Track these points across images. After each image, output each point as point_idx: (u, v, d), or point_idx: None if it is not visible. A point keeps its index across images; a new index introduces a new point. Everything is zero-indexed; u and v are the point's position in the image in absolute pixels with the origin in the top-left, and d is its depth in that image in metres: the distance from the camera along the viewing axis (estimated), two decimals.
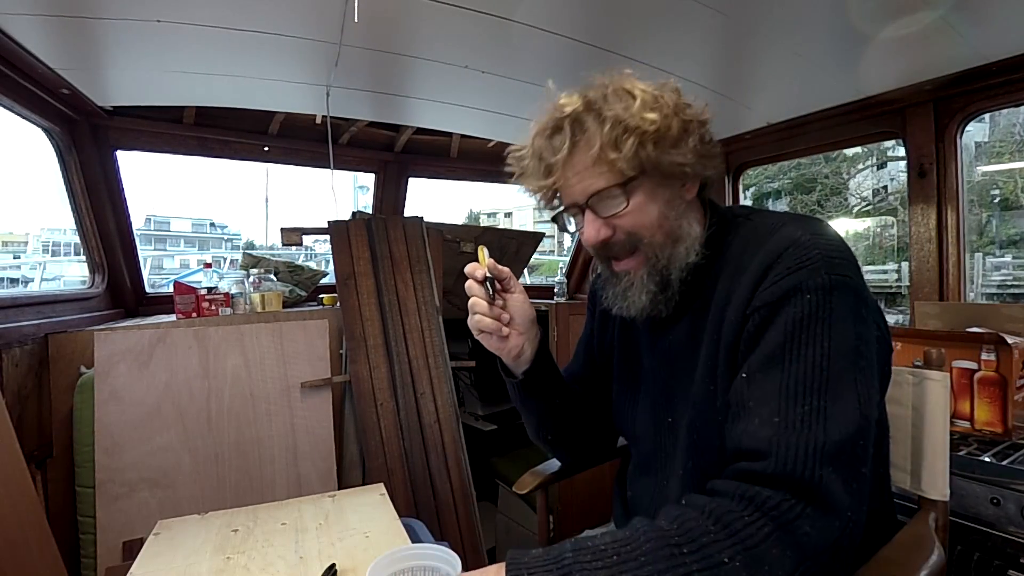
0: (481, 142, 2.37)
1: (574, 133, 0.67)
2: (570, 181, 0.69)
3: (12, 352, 1.28)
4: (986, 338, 1.26)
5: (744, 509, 0.52)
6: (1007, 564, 1.05)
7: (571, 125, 0.67)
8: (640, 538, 0.53)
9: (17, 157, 46.96)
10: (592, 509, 1.98)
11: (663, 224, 0.69)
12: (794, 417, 0.55)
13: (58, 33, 1.24)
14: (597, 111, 0.66)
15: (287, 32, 1.30)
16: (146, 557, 0.87)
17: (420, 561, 0.75)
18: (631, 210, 0.68)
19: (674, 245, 0.70)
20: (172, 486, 1.38)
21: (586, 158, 0.67)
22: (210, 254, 15.43)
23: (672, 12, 1.23)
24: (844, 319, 0.58)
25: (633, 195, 0.67)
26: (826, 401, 0.55)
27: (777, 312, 0.60)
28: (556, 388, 0.86)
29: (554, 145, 0.68)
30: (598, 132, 0.65)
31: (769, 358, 0.59)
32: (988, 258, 6.99)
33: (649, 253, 0.70)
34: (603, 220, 0.69)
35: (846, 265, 0.61)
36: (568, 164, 0.68)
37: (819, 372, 0.56)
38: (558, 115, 0.68)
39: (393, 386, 1.66)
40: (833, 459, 0.53)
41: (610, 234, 0.69)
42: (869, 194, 10.42)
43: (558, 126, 0.68)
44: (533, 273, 5.34)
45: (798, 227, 0.65)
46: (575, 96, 0.68)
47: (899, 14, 1.20)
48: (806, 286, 0.59)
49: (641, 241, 0.69)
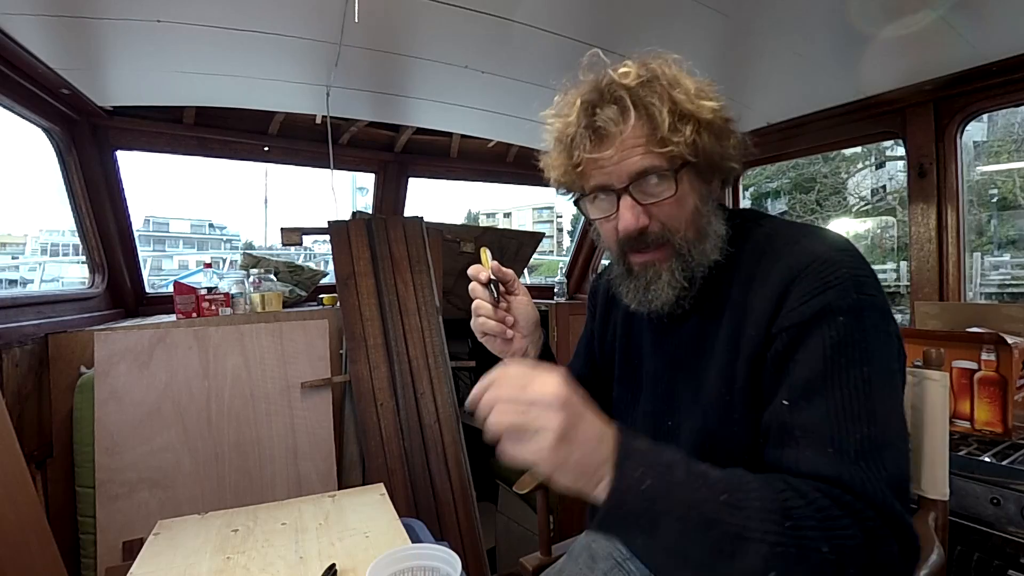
0: (481, 142, 2.37)
1: (635, 105, 0.62)
2: (613, 159, 0.64)
3: (12, 352, 1.28)
4: (986, 338, 1.26)
5: (843, 514, 0.51)
6: (1007, 564, 1.05)
7: (632, 96, 0.63)
8: (751, 492, 0.51)
9: (15, 158, 46.96)
10: (592, 508, 1.98)
11: (696, 219, 0.67)
12: (848, 447, 0.54)
13: (58, 33, 1.24)
14: (662, 88, 0.63)
15: (287, 32, 1.30)
16: (146, 557, 0.88)
17: (420, 561, 0.75)
18: (675, 199, 0.65)
19: (702, 241, 0.68)
20: (172, 486, 1.38)
21: (640, 135, 0.63)
22: (209, 255, 15.44)
23: (672, 12, 1.23)
24: (878, 340, 0.58)
25: (682, 182, 0.64)
26: (875, 429, 0.54)
27: (808, 334, 0.59)
28: None
29: (608, 115, 0.63)
30: (662, 108, 0.61)
31: (810, 384, 0.57)
32: (987, 257, 6.99)
33: (681, 247, 0.67)
34: (643, 207, 0.65)
35: (872, 283, 0.60)
36: (620, 138, 0.63)
37: (863, 398, 0.55)
38: (616, 84, 0.64)
39: (393, 386, 1.66)
40: (898, 492, 0.53)
41: (647, 222, 0.66)
42: (868, 194, 10.42)
43: (613, 96, 0.64)
44: (532, 273, 5.34)
45: (818, 241, 0.63)
46: (637, 66, 0.65)
47: (899, 14, 1.20)
48: (837, 307, 0.58)
49: (675, 234, 0.67)
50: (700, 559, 0.51)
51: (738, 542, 0.49)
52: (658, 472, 0.51)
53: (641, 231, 0.66)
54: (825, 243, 0.63)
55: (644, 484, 0.51)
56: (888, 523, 0.51)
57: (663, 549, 0.52)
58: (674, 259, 0.67)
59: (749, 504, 0.50)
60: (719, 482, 0.52)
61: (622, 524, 0.52)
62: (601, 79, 0.66)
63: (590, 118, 0.64)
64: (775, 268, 0.63)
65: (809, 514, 0.50)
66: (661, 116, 0.61)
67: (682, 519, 0.50)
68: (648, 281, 0.69)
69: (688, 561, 0.51)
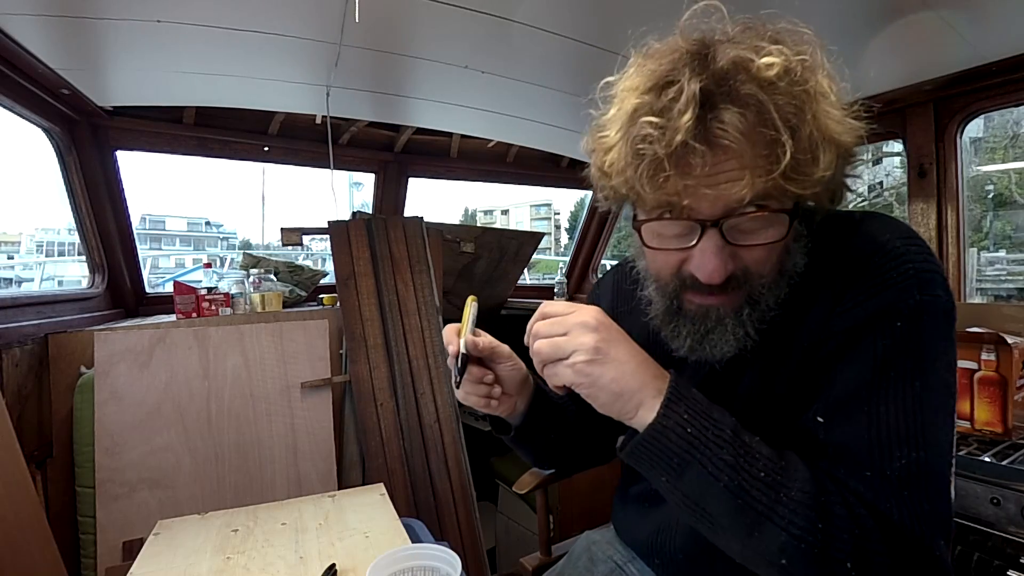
0: (481, 142, 2.37)
1: (779, 118, 0.45)
2: (706, 178, 0.47)
3: (12, 352, 1.28)
4: (986, 338, 1.26)
5: (881, 539, 0.47)
6: (1007, 564, 1.05)
7: (774, 102, 0.45)
8: (795, 481, 0.48)
9: (11, 157, 47.00)
10: (592, 509, 1.98)
11: (783, 260, 0.54)
12: (891, 472, 0.48)
13: (58, 33, 1.24)
14: (802, 91, 0.46)
15: (287, 32, 1.30)
16: (146, 557, 0.88)
17: (420, 561, 0.75)
18: (777, 244, 0.51)
19: (781, 284, 0.54)
20: (172, 486, 1.38)
21: (764, 155, 0.46)
22: (205, 253, 15.45)
23: (672, 12, 1.23)
24: (935, 349, 0.50)
25: (794, 226, 0.51)
26: (923, 452, 0.48)
27: (859, 340, 0.51)
28: (551, 426, 0.77)
29: (733, 123, 0.45)
30: (804, 125, 0.45)
31: (852, 397, 0.51)
32: (983, 253, 7.00)
33: (756, 293, 0.54)
34: (731, 248, 0.51)
35: (938, 281, 0.51)
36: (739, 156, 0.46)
37: (913, 418, 0.48)
38: (750, 77, 0.45)
39: (393, 386, 1.66)
40: (943, 530, 0.49)
41: (733, 268, 0.52)
42: (865, 190, 10.45)
43: (744, 96, 0.45)
44: (530, 271, 5.33)
45: (879, 227, 0.54)
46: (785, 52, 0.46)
47: (899, 14, 1.20)
48: (896, 310, 0.50)
49: (756, 279, 0.53)
50: (717, 516, 0.50)
51: (760, 520, 0.47)
52: (705, 423, 0.49)
53: (727, 279, 0.52)
54: (887, 229, 0.53)
55: (687, 428, 0.49)
56: (925, 565, 0.48)
57: (684, 494, 0.51)
58: (746, 308, 0.54)
59: (787, 490, 0.48)
60: (763, 459, 0.49)
61: (651, 459, 0.51)
62: (719, 56, 0.47)
63: (708, 123, 0.46)
64: (834, 265, 0.54)
65: (847, 527, 0.47)
66: (804, 137, 0.45)
67: (712, 476, 0.48)
68: (708, 329, 0.55)
69: (704, 513, 0.50)
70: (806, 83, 0.46)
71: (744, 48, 0.47)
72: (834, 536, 0.47)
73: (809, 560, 0.47)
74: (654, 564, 0.79)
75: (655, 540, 0.78)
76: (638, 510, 0.83)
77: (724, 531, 0.50)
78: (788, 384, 0.57)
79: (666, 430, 0.50)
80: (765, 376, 0.58)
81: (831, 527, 0.47)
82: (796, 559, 0.47)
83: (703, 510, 0.50)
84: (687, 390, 0.52)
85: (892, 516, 0.48)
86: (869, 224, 0.55)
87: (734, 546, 0.51)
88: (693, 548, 0.70)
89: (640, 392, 0.51)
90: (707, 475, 0.48)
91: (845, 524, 0.47)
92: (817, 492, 0.48)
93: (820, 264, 0.55)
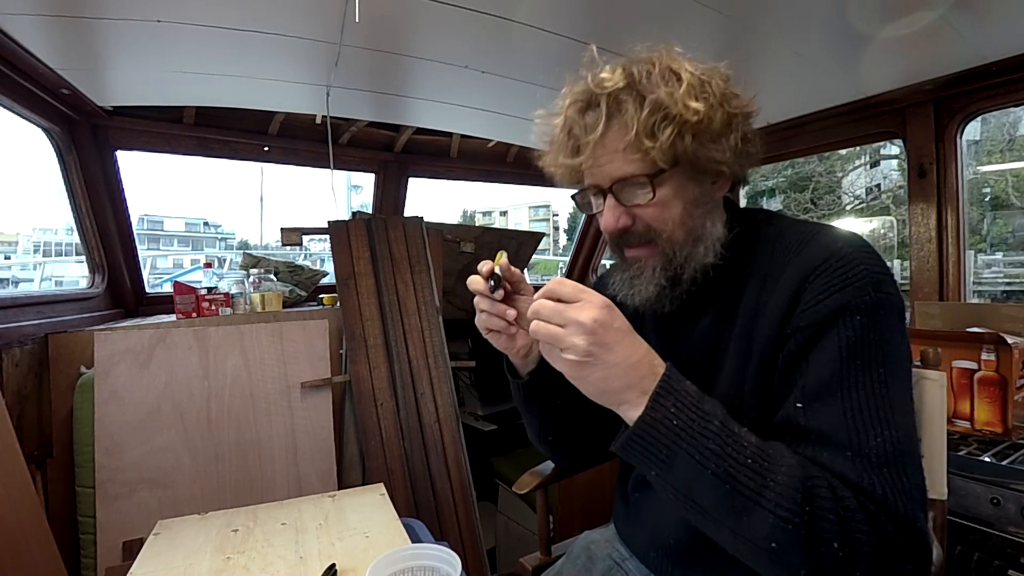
0: (481, 142, 2.37)
1: (610, 113, 0.62)
2: (598, 161, 0.65)
3: (12, 352, 1.28)
4: (986, 338, 1.26)
5: (865, 519, 0.51)
6: (1007, 564, 1.05)
7: (608, 103, 0.62)
8: (780, 466, 0.52)
9: (9, 157, 46.97)
10: (592, 509, 1.98)
11: (685, 221, 0.66)
12: (868, 450, 0.53)
13: (58, 33, 1.24)
14: (638, 92, 0.61)
15: (287, 32, 1.30)
16: (146, 557, 0.88)
17: (420, 561, 0.75)
18: (656, 203, 0.64)
19: (694, 244, 0.67)
20: (172, 486, 1.38)
21: (619, 141, 0.63)
22: (203, 254, 15.43)
23: (672, 12, 1.23)
24: (893, 340, 0.57)
25: (660, 187, 0.64)
26: (894, 431, 0.54)
27: (824, 333, 0.58)
28: (560, 388, 0.82)
29: (587, 122, 0.64)
30: (636, 115, 0.61)
31: (825, 386, 0.57)
32: (980, 256, 7.00)
33: (666, 248, 0.67)
34: (624, 208, 0.66)
35: (889, 281, 0.59)
36: (599, 144, 0.64)
37: (882, 400, 0.55)
38: (596, 90, 0.63)
39: (393, 386, 1.66)
40: (921, 505, 0.53)
41: (629, 223, 0.67)
42: (862, 192, 10.44)
43: (594, 101, 0.64)
44: (530, 272, 5.34)
45: (832, 237, 0.62)
46: (618, 71, 0.63)
47: (899, 14, 1.20)
48: (854, 306, 0.57)
49: (660, 235, 0.66)
50: (707, 506, 0.53)
51: (748, 504, 0.50)
52: (692, 415, 0.53)
53: (623, 230, 0.67)
54: (840, 239, 0.62)
55: (673, 421, 0.53)
56: (908, 540, 0.51)
57: (674, 487, 0.54)
58: (659, 258, 0.68)
59: (773, 475, 0.51)
60: (751, 447, 0.53)
61: (641, 452, 0.55)
62: (589, 82, 0.65)
63: (571, 124, 0.66)
64: (790, 265, 0.62)
65: (832, 507, 0.50)
66: (634, 123, 0.61)
67: (700, 465, 0.52)
68: (632, 275, 0.70)
69: (695, 505, 0.53)
70: (635, 84, 0.62)
71: (599, 70, 0.65)
72: (819, 518, 0.49)
73: (797, 543, 0.49)
74: (650, 558, 0.80)
75: (651, 533, 0.79)
76: (634, 504, 0.85)
77: (715, 521, 0.53)
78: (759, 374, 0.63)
79: (655, 422, 0.54)
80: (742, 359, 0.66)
81: (817, 508, 0.50)
82: (785, 542, 0.49)
83: (693, 501, 0.54)
84: (679, 383, 0.56)
85: (875, 492, 0.51)
86: (824, 234, 0.64)
87: (725, 536, 0.54)
88: (688, 540, 0.72)
89: (625, 391, 0.55)
90: (695, 464, 0.52)
91: (830, 505, 0.50)
92: (803, 476, 0.51)
93: (781, 265, 0.64)
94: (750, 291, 0.67)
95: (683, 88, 0.61)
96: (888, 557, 0.50)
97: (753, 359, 0.64)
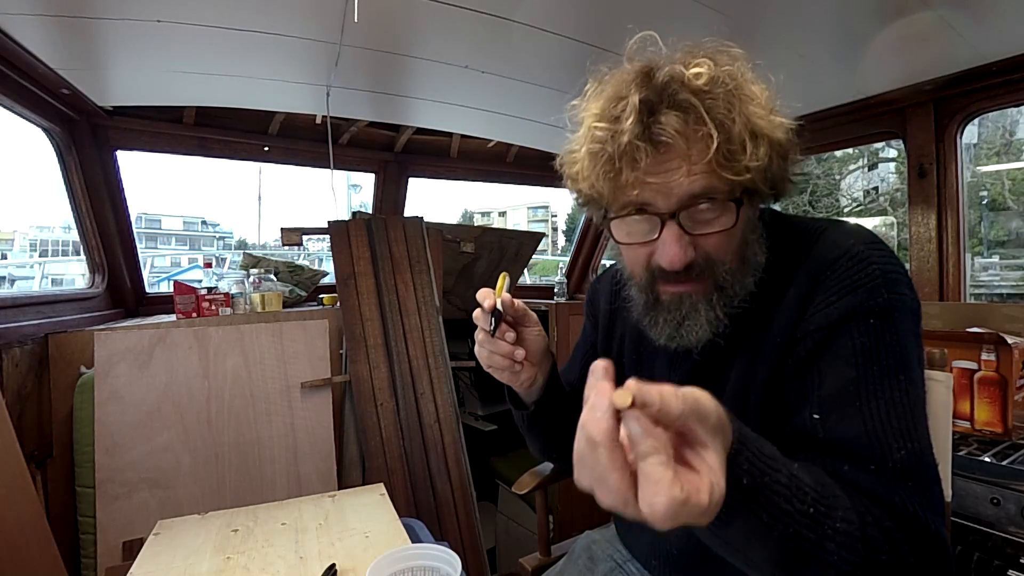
0: (481, 142, 2.37)
1: (711, 117, 0.52)
2: (662, 175, 0.53)
3: (12, 352, 1.28)
4: (986, 338, 1.26)
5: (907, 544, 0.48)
6: (1007, 564, 1.05)
7: (705, 104, 0.52)
8: (838, 511, 0.46)
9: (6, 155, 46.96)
10: (592, 509, 1.98)
11: (743, 249, 0.59)
12: (893, 464, 0.50)
13: (58, 33, 1.24)
14: (737, 96, 0.53)
15: (287, 32, 1.30)
16: (146, 557, 0.88)
17: (420, 561, 0.75)
18: (730, 231, 0.56)
19: (745, 272, 0.59)
20: (172, 486, 1.38)
21: (707, 151, 0.52)
22: (201, 253, 15.40)
23: (672, 12, 1.23)
24: (909, 345, 0.54)
25: (742, 213, 0.56)
26: (916, 443, 0.51)
27: (836, 338, 0.54)
28: (564, 411, 0.78)
29: (673, 125, 0.51)
30: (734, 122, 0.52)
31: (842, 395, 0.53)
32: (977, 259, 7.01)
33: (723, 280, 0.58)
34: (690, 237, 0.56)
35: (903, 281, 0.55)
36: (672, 153, 0.53)
37: (903, 410, 0.51)
38: (683, 85, 0.52)
39: (393, 386, 1.66)
40: (943, 515, 0.51)
41: (694, 256, 0.57)
42: (860, 195, 10.44)
43: (681, 101, 0.52)
44: (529, 272, 5.33)
45: (844, 234, 0.58)
46: (709, 64, 0.53)
47: (899, 14, 1.20)
48: (867, 308, 0.53)
49: (719, 266, 0.58)
50: (760, 559, 0.46)
51: (808, 558, 0.45)
52: (759, 470, 0.43)
53: (688, 266, 0.57)
54: (852, 236, 0.57)
55: (744, 480, 0.42)
56: (939, 556, 0.49)
57: (725, 541, 0.46)
58: (714, 293, 0.59)
59: (831, 523, 0.45)
60: (811, 492, 0.45)
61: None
62: (658, 73, 0.54)
63: (649, 126, 0.52)
64: (800, 267, 0.58)
65: (883, 547, 0.47)
66: (736, 132, 0.52)
67: (767, 526, 0.43)
68: (683, 316, 0.60)
69: (746, 557, 0.47)
70: (731, 88, 0.53)
71: (678, 63, 0.55)
72: (875, 560, 0.46)
73: None
74: (652, 565, 0.79)
75: (652, 539, 0.78)
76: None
77: (761, 571, 0.48)
78: (766, 384, 0.59)
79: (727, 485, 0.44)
80: (749, 369, 0.61)
81: (872, 552, 0.46)
82: None
83: (746, 555, 0.46)
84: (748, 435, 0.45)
85: (907, 511, 0.48)
86: (834, 231, 0.59)
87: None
88: (690, 549, 0.71)
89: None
90: (760, 525, 0.44)
91: (884, 547, 0.47)
92: (856, 519, 0.47)
93: (789, 268, 0.59)
94: (758, 300, 0.62)
95: (765, 99, 0.55)
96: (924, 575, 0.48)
97: (761, 366, 0.61)
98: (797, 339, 0.57)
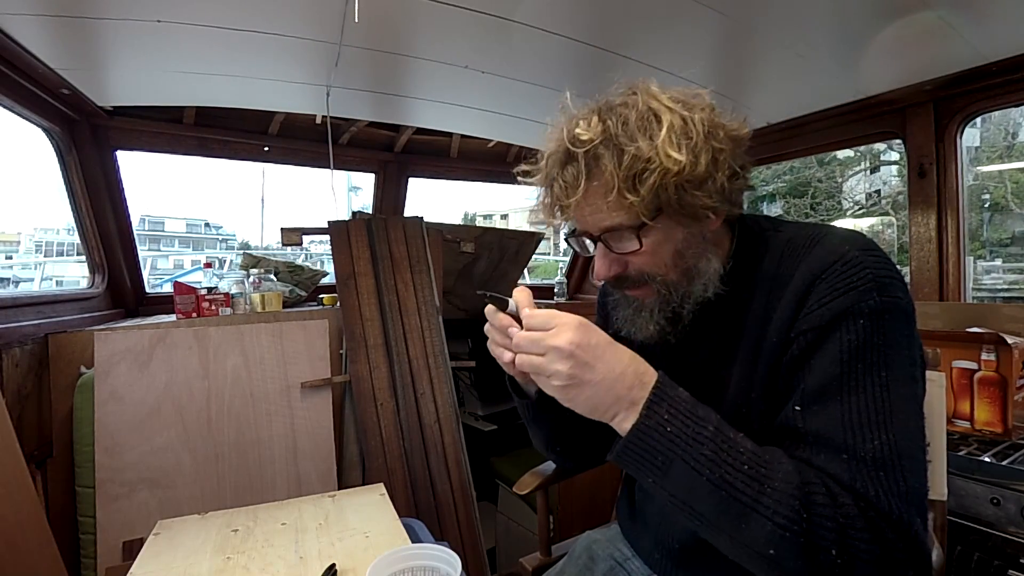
0: (481, 142, 2.37)
1: (589, 169, 0.61)
2: (583, 212, 0.64)
3: (12, 352, 1.28)
4: (986, 338, 1.26)
5: (866, 527, 0.50)
6: (1007, 564, 1.05)
7: (586, 159, 0.61)
8: (777, 472, 0.52)
9: (10, 156, 46.95)
10: (592, 509, 1.98)
11: (678, 263, 0.65)
12: (864, 453, 0.52)
13: (58, 33, 1.24)
14: (616, 145, 0.60)
15: (287, 32, 1.30)
16: (146, 557, 0.88)
17: (420, 561, 0.75)
18: (645, 251, 0.64)
19: (689, 283, 0.66)
20: (172, 486, 1.38)
21: (600, 197, 0.61)
22: (204, 255, 15.40)
23: (672, 12, 1.23)
24: (898, 344, 0.56)
25: (647, 237, 0.63)
26: (893, 435, 0.53)
27: (826, 337, 0.57)
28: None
29: (566, 178, 0.63)
30: (615, 171, 0.59)
31: (825, 388, 0.56)
32: (979, 262, 6.99)
33: (662, 289, 0.66)
34: (615, 255, 0.65)
35: (896, 285, 0.58)
36: (582, 200, 0.63)
37: (881, 404, 0.54)
38: (574, 145, 0.62)
39: (393, 386, 1.66)
40: (918, 509, 0.52)
41: (621, 270, 0.67)
42: (862, 198, 10.45)
43: (572, 156, 0.62)
44: (529, 274, 5.33)
45: (840, 240, 0.62)
46: (594, 123, 0.61)
47: (899, 14, 1.20)
48: (858, 310, 0.56)
49: (654, 279, 0.66)
50: (705, 512, 0.53)
51: (745, 511, 0.51)
52: (686, 421, 0.54)
53: (616, 277, 0.67)
54: (847, 242, 0.61)
55: (667, 428, 0.54)
56: (907, 546, 0.50)
57: (671, 493, 0.54)
58: (655, 297, 0.67)
59: (770, 482, 0.51)
60: (747, 452, 0.53)
61: (637, 460, 0.55)
62: (565, 136, 0.63)
63: (552, 179, 0.65)
64: (797, 271, 0.62)
65: (831, 514, 0.50)
66: (613, 179, 0.59)
67: (695, 471, 0.52)
68: (633, 312, 0.70)
69: (693, 511, 0.54)
70: (613, 136, 0.60)
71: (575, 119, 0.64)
72: (817, 525, 0.49)
73: (796, 549, 0.49)
74: (654, 559, 0.80)
75: (655, 534, 0.79)
76: (639, 504, 0.85)
77: (713, 527, 0.53)
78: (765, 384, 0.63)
79: (649, 430, 0.54)
80: (749, 369, 0.65)
81: (815, 515, 0.50)
82: (783, 549, 0.49)
83: (691, 507, 0.54)
84: (672, 390, 0.56)
85: (868, 494, 0.51)
86: (831, 237, 0.63)
87: (724, 541, 0.54)
88: (691, 543, 0.72)
89: (615, 405, 0.56)
90: (690, 470, 0.52)
91: (828, 512, 0.50)
92: (800, 482, 0.51)
93: (785, 271, 0.64)
94: (758, 300, 0.66)
95: (663, 134, 0.59)
96: (888, 564, 0.49)
97: (760, 365, 0.64)
98: (791, 339, 0.60)
